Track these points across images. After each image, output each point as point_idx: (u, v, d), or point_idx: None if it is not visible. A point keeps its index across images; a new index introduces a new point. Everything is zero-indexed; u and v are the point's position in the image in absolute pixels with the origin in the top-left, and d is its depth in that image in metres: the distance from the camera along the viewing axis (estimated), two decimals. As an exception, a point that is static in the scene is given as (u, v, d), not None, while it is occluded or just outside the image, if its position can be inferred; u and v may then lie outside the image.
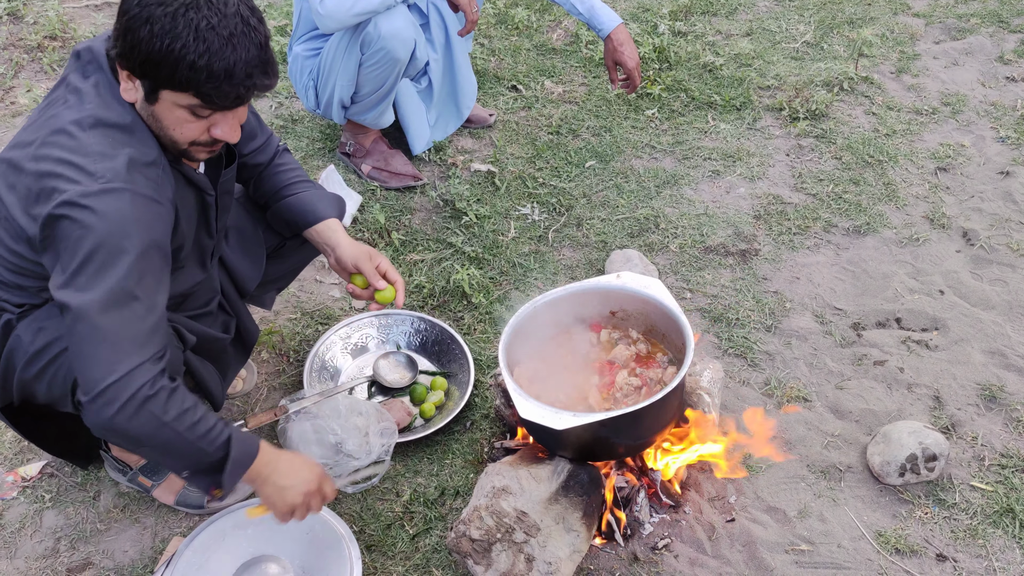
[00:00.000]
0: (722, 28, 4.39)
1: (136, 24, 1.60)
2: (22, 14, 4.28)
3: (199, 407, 1.71)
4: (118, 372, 1.60)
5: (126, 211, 1.62)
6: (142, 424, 1.63)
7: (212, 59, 1.60)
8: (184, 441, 1.68)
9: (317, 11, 2.79)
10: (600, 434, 2.08)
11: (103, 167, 1.63)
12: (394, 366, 2.62)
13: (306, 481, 1.87)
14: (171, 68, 1.61)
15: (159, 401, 1.63)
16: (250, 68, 1.64)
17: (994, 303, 2.88)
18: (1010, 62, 4.11)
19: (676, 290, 2.93)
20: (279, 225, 2.28)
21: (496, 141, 3.60)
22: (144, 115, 1.73)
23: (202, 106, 1.67)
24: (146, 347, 1.64)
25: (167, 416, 1.64)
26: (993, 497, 2.30)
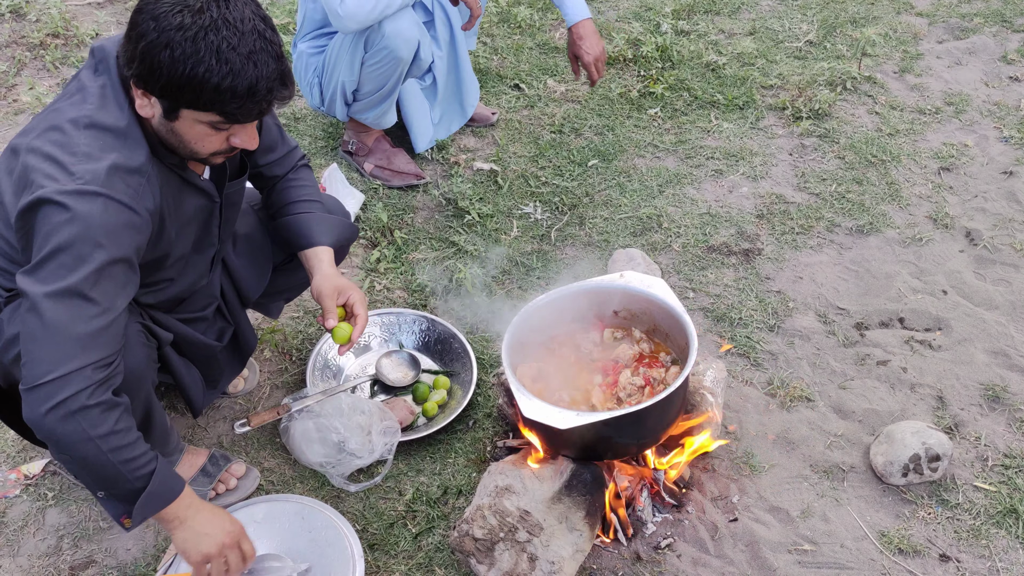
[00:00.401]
0: (725, 27, 4.38)
1: (155, 49, 1.59)
2: (25, 12, 4.28)
3: (133, 433, 1.69)
4: (58, 371, 1.60)
5: (96, 215, 1.62)
6: (69, 432, 1.62)
7: (236, 80, 1.60)
8: (105, 461, 1.66)
9: (336, 12, 2.78)
10: (603, 434, 2.08)
11: (84, 168, 1.63)
12: (397, 365, 2.62)
13: (226, 532, 1.83)
14: (195, 91, 1.62)
15: (92, 414, 1.62)
16: (271, 83, 1.65)
17: (997, 303, 2.87)
18: (1013, 62, 4.11)
19: (679, 289, 2.93)
20: (278, 242, 2.29)
21: (499, 140, 3.60)
22: (162, 130, 1.73)
23: (224, 122, 1.69)
24: (90, 351, 1.63)
25: (95, 431, 1.63)
26: (996, 498, 2.30)
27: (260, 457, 2.41)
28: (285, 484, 2.34)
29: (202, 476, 2.27)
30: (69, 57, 4.03)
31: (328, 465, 2.31)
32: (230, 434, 2.47)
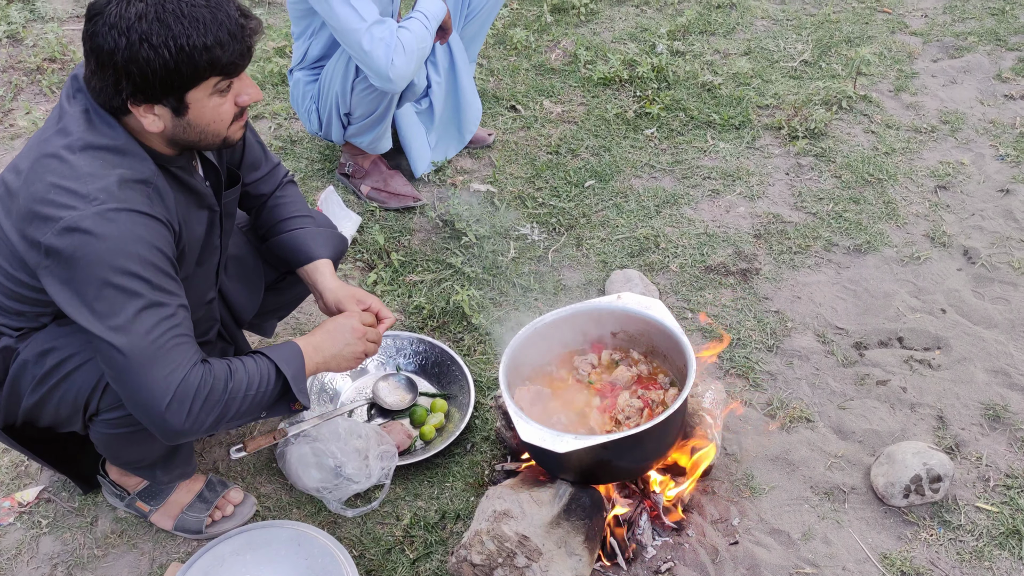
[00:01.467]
0: (720, 47, 4.40)
1: (133, 52, 1.59)
2: (21, 36, 4.29)
3: (236, 366, 1.77)
4: (170, 390, 1.66)
5: (126, 229, 1.62)
6: (211, 416, 1.71)
7: (214, 30, 1.63)
8: (247, 401, 1.77)
9: (386, 76, 2.82)
10: (602, 457, 2.06)
11: (95, 188, 1.62)
12: (394, 388, 2.61)
13: (349, 334, 2.01)
14: (190, 64, 1.62)
15: (213, 396, 1.71)
16: (239, 20, 1.67)
17: (996, 322, 2.86)
18: (1008, 80, 4.12)
19: (677, 310, 2.92)
20: (273, 260, 2.28)
21: (495, 161, 3.60)
22: (178, 133, 1.73)
23: (224, 79, 1.70)
24: (184, 351, 1.69)
25: (225, 395, 1.73)
26: (999, 518, 2.28)
27: (256, 482, 2.40)
28: (282, 510, 2.32)
29: (199, 502, 2.25)
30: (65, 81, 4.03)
31: (325, 490, 2.29)
32: (226, 459, 2.45)
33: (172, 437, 1.71)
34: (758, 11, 4.71)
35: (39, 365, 1.82)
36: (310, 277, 2.21)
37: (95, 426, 1.91)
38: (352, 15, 2.75)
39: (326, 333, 1.99)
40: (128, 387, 1.67)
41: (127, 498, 2.25)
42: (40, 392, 1.84)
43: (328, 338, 1.99)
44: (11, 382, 1.86)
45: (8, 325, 1.83)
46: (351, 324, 2.03)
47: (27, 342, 1.83)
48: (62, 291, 1.65)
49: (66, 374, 1.83)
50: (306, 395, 1.87)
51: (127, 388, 1.68)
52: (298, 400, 1.86)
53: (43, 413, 1.89)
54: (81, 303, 1.64)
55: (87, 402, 1.86)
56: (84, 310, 1.64)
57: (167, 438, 1.71)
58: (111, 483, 2.25)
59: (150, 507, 2.24)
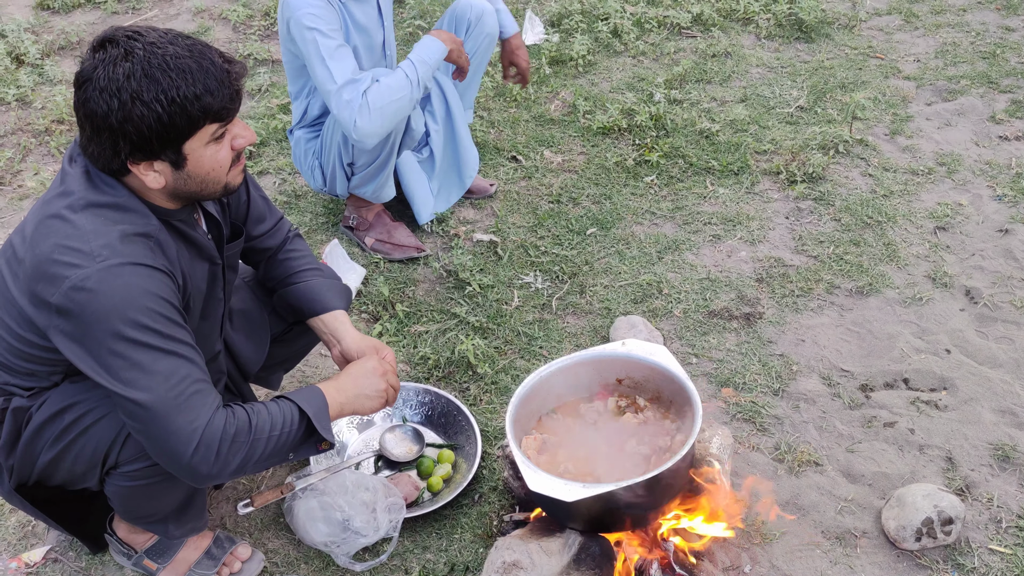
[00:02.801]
0: (717, 95, 4.47)
1: (127, 112, 1.62)
2: (30, 99, 4.37)
3: (257, 409, 1.79)
4: (196, 436, 1.68)
5: (131, 282, 1.65)
6: (236, 460, 1.74)
7: (203, 78, 1.65)
8: (272, 442, 1.80)
9: (354, 138, 2.90)
10: (611, 505, 2.05)
11: (98, 244, 1.65)
12: (400, 439, 2.61)
13: (371, 375, 2.06)
14: (184, 115, 1.65)
15: (239, 438, 1.74)
16: (224, 66, 1.70)
17: (1001, 361, 2.86)
18: (1002, 121, 4.17)
19: (681, 355, 2.93)
20: (284, 311, 2.29)
21: (498, 211, 3.64)
22: (179, 185, 1.76)
23: (219, 125, 1.73)
24: (204, 397, 1.71)
25: (250, 437, 1.76)
26: (1012, 560, 2.26)
27: (264, 538, 2.38)
28: (289, 565, 2.31)
29: (206, 559, 2.24)
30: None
31: (333, 544, 2.27)
32: (233, 515, 2.44)
33: (201, 481, 1.74)
34: (753, 59, 4.79)
35: (56, 423, 1.83)
36: (327, 326, 2.23)
37: (112, 479, 1.91)
38: (326, 76, 2.83)
39: (347, 376, 2.04)
40: (153, 438, 1.69)
41: (135, 556, 2.24)
42: (57, 448, 1.85)
43: (350, 380, 2.03)
44: (27, 443, 1.86)
45: (20, 385, 1.85)
46: (371, 365, 2.08)
47: (41, 401, 1.84)
48: (75, 349, 1.67)
49: (84, 429, 1.83)
50: (331, 432, 1.89)
51: (152, 439, 1.70)
52: (324, 439, 1.88)
53: (58, 470, 1.90)
54: (95, 360, 1.66)
55: (106, 455, 1.86)
56: (99, 367, 1.66)
57: (196, 482, 1.75)
58: (119, 541, 2.24)
59: (158, 565, 2.23)
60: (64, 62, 4.77)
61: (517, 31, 3.51)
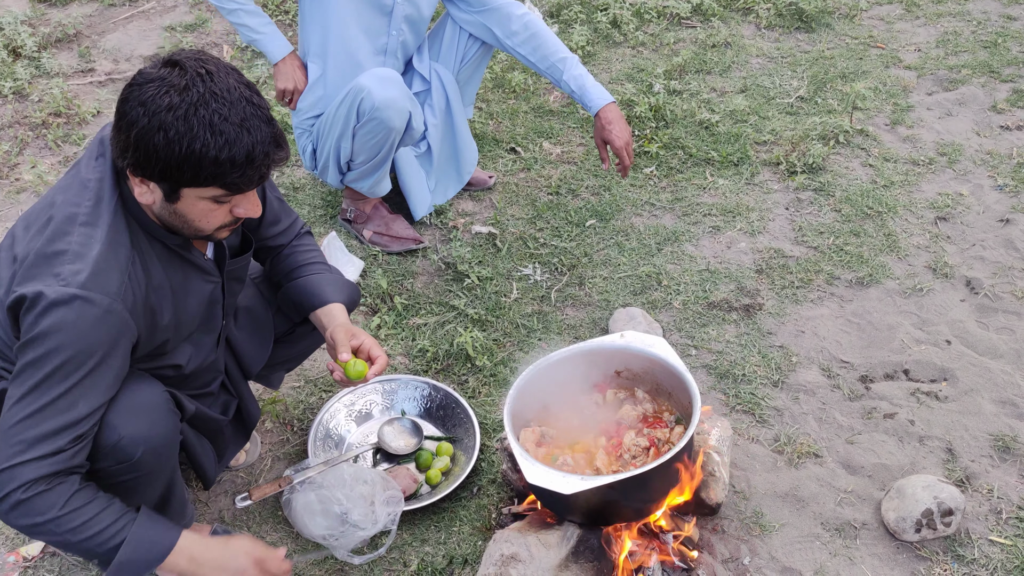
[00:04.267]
0: (716, 86, 4.45)
1: (148, 134, 1.60)
2: (27, 92, 4.36)
3: (85, 511, 1.69)
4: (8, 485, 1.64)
5: (72, 321, 1.63)
6: (20, 521, 1.67)
7: (233, 150, 1.61)
8: (67, 541, 1.70)
9: None
10: (609, 497, 2.04)
11: (69, 269, 1.64)
12: (399, 432, 2.60)
13: (244, 559, 1.86)
14: (194, 169, 1.62)
15: (31, 505, 1.65)
16: (266, 147, 1.66)
17: (1002, 352, 2.85)
18: (1003, 111, 4.15)
19: (681, 347, 2.92)
20: (287, 307, 2.28)
21: (496, 203, 3.63)
22: (164, 214, 1.74)
23: (226, 195, 1.69)
24: (38, 446, 1.65)
25: (40, 518, 1.66)
26: (1013, 551, 2.25)
27: (262, 531, 2.38)
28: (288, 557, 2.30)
29: (204, 552, 2.23)
30: (71, 135, 4.09)
31: (331, 537, 2.27)
32: (231, 508, 2.43)
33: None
34: (753, 49, 4.76)
35: None
36: (320, 320, 2.20)
37: None
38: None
39: (221, 546, 1.87)
40: None
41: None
42: None
43: (219, 551, 1.85)
44: None
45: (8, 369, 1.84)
46: (255, 554, 1.89)
47: None
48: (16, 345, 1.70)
49: None
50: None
51: None
52: None
53: None
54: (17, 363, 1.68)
55: None
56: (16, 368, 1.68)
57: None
58: (116, 535, 2.23)
59: (155, 559, 2.22)
60: (61, 55, 4.75)
61: (610, 102, 3.11)
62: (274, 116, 1.71)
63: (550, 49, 3.16)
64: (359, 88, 2.89)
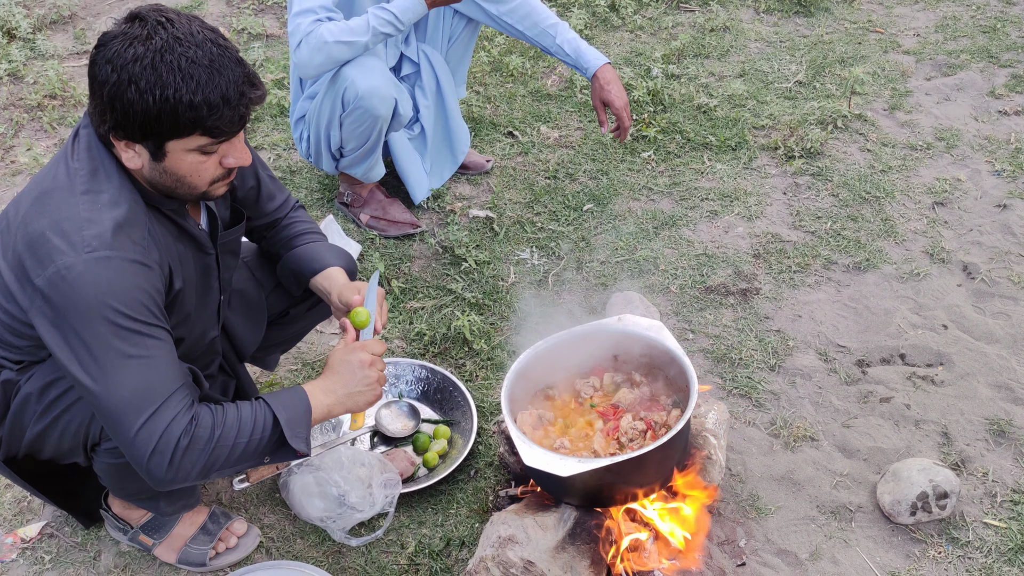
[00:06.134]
0: (715, 70, 4.43)
1: (121, 90, 1.60)
2: (22, 74, 4.33)
3: (230, 416, 1.74)
4: (152, 441, 1.65)
5: (114, 277, 1.63)
6: (195, 467, 1.69)
7: (206, 91, 1.60)
8: (238, 450, 1.73)
9: (293, 58, 2.86)
10: (606, 480, 2.05)
11: (90, 234, 1.63)
12: (396, 415, 2.60)
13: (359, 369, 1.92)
14: (172, 116, 1.61)
15: (196, 446, 1.68)
16: (241, 86, 1.65)
17: (998, 336, 2.86)
18: (1001, 96, 4.15)
19: (678, 331, 2.92)
20: (287, 277, 2.28)
21: (494, 187, 3.62)
22: (155, 176, 1.73)
23: (212, 142, 1.68)
24: (168, 404, 1.67)
25: (210, 445, 1.70)
26: (1007, 534, 2.27)
27: (260, 513, 2.39)
28: (285, 540, 2.31)
29: (202, 534, 2.24)
30: (66, 118, 4.07)
31: (329, 520, 2.28)
32: (229, 491, 2.44)
33: (159, 485, 1.70)
34: (751, 34, 4.75)
35: (42, 398, 1.83)
36: (322, 285, 2.20)
37: (98, 456, 1.91)
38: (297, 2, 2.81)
39: (334, 373, 1.92)
40: (114, 435, 1.69)
41: (130, 532, 2.24)
42: (43, 423, 1.85)
43: (338, 378, 1.91)
44: (14, 415, 1.86)
45: (8, 358, 1.84)
46: (359, 357, 1.93)
47: (29, 375, 1.83)
48: (50, 333, 1.66)
49: (68, 406, 1.83)
50: (304, 442, 1.81)
51: (112, 433, 1.69)
52: (296, 454, 1.81)
53: (46, 445, 1.90)
54: (67, 348, 1.65)
55: (87, 432, 1.86)
56: (69, 355, 1.65)
57: (156, 486, 1.71)
58: (114, 517, 2.24)
59: (153, 540, 2.23)
60: (56, 36, 4.72)
61: (606, 62, 3.13)
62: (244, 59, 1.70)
63: (539, 16, 3.16)
64: (343, 78, 2.88)
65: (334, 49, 2.80)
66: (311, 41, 2.77)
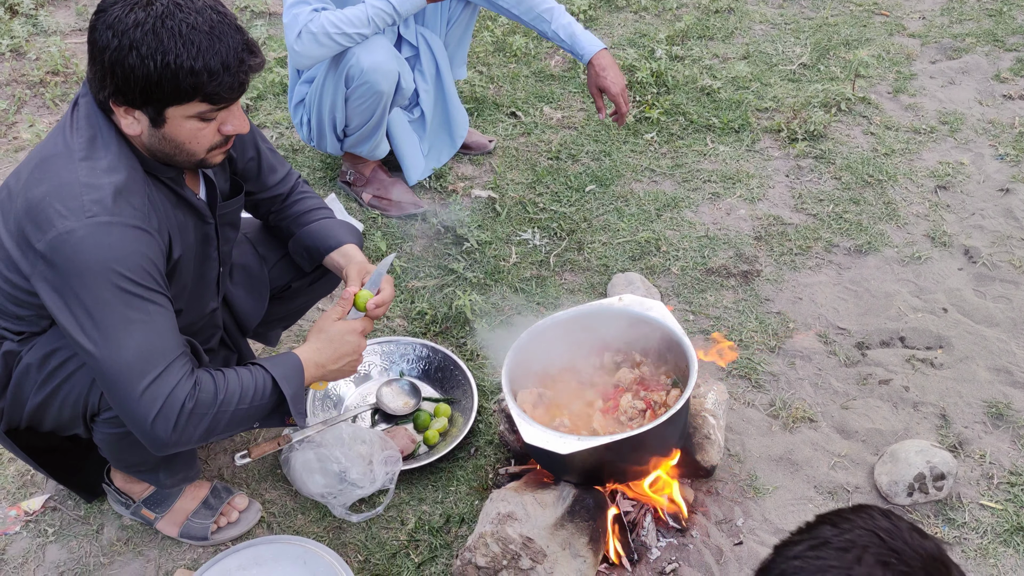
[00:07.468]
0: (719, 52, 4.42)
1: (122, 55, 1.61)
2: (24, 50, 4.32)
3: (231, 380, 1.77)
4: (156, 405, 1.67)
5: (116, 242, 1.64)
6: (197, 431, 1.72)
7: (207, 57, 1.62)
8: (239, 414, 1.77)
9: (293, 47, 2.84)
10: (605, 458, 2.06)
11: (90, 199, 1.64)
12: (397, 393, 2.62)
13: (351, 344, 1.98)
14: (173, 82, 1.62)
15: (200, 409, 1.71)
16: (240, 53, 1.66)
17: (998, 320, 2.87)
18: (1006, 80, 4.13)
19: (679, 313, 2.93)
20: (300, 254, 2.28)
21: (496, 167, 3.62)
22: (154, 142, 1.73)
23: (211, 109, 1.69)
24: (172, 367, 1.69)
25: (213, 409, 1.73)
26: (1003, 516, 2.28)
27: (261, 488, 2.40)
28: (287, 516, 2.33)
29: (204, 509, 2.26)
30: (68, 94, 4.06)
31: (329, 496, 2.29)
32: (231, 466, 2.46)
33: (160, 449, 1.72)
34: (756, 15, 4.73)
35: (42, 368, 1.84)
36: (337, 261, 2.21)
37: (97, 427, 1.93)
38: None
39: (329, 341, 1.96)
40: (116, 400, 1.70)
41: (132, 506, 2.26)
42: (43, 394, 1.86)
43: (329, 347, 1.96)
44: (15, 386, 1.87)
45: (9, 329, 1.85)
46: (351, 326, 2.00)
47: (30, 346, 1.84)
48: (53, 298, 1.67)
49: (68, 375, 1.84)
50: (304, 415, 1.86)
51: (116, 401, 1.70)
52: (291, 418, 1.85)
53: (47, 416, 1.91)
54: (70, 313, 1.66)
55: (87, 402, 1.87)
56: (72, 320, 1.66)
57: (156, 450, 1.73)
58: (116, 491, 2.26)
59: (155, 514, 2.25)
60: (58, 12, 4.71)
61: (602, 48, 3.12)
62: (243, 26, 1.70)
63: (535, 0, 3.15)
64: (347, 54, 2.88)
65: (334, 40, 2.81)
66: (311, 31, 2.78)
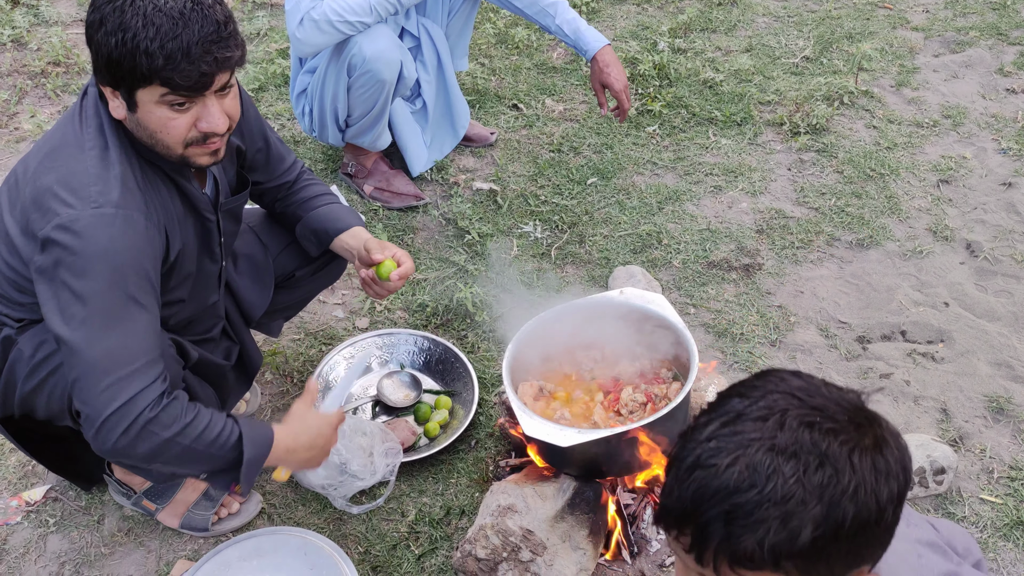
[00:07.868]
0: (721, 44, 4.40)
1: (92, 31, 1.62)
2: (26, 40, 4.32)
3: (203, 414, 1.71)
4: (117, 401, 1.62)
5: (116, 235, 1.63)
6: (145, 445, 1.65)
7: (165, 40, 1.58)
8: (193, 451, 1.70)
9: (295, 35, 2.84)
10: (606, 451, 2.07)
11: (96, 190, 1.64)
12: (398, 385, 2.62)
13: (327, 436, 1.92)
14: (131, 61, 1.60)
15: (159, 422, 1.65)
16: (207, 44, 1.61)
17: (999, 314, 2.86)
18: (1010, 74, 4.12)
19: (680, 305, 2.92)
20: (307, 239, 2.29)
21: (498, 160, 3.61)
22: (133, 128, 1.72)
23: (171, 93, 1.64)
24: (144, 372, 1.66)
25: (169, 432, 1.66)
26: (1003, 510, 2.28)
27: (262, 480, 2.41)
28: (287, 507, 2.33)
29: (205, 500, 2.26)
30: (70, 85, 4.06)
31: (330, 487, 2.30)
32: (232, 457, 2.46)
33: (103, 450, 1.67)
34: (759, 8, 4.71)
35: (32, 358, 1.83)
36: (348, 242, 2.23)
37: None
38: None
39: (305, 430, 1.89)
40: (76, 389, 1.66)
41: (133, 497, 2.26)
42: (32, 383, 1.85)
43: (306, 435, 1.89)
44: (7, 372, 1.87)
45: (10, 315, 1.85)
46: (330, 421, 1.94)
47: (26, 334, 1.84)
48: (40, 281, 1.67)
49: (55, 368, 1.83)
50: (250, 484, 1.79)
51: (75, 390, 1.66)
52: (240, 483, 1.78)
53: (37, 405, 1.91)
54: (54, 297, 1.64)
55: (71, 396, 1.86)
56: (54, 304, 1.64)
57: (98, 450, 1.67)
58: (117, 482, 2.26)
59: (156, 505, 2.25)
60: (59, 2, 4.70)
61: (606, 44, 3.12)
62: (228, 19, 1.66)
63: None
64: (349, 43, 2.87)
65: (335, 28, 2.81)
66: (313, 19, 2.78)
